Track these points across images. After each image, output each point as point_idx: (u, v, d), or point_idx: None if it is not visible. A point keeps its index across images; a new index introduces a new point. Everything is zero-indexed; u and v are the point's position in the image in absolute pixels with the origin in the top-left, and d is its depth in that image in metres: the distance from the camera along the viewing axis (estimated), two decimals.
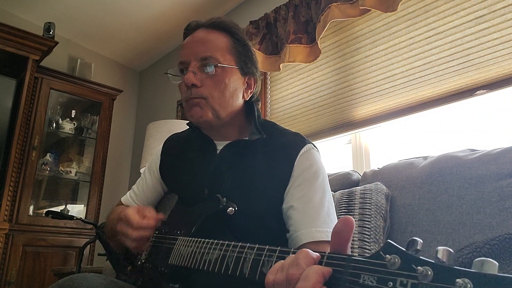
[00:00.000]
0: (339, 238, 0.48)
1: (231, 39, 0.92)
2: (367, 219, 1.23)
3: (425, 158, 1.38)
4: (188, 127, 1.01)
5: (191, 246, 0.73)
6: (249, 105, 0.96)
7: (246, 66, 0.93)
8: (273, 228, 0.84)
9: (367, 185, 1.37)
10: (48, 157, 2.88)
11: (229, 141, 0.93)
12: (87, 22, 3.12)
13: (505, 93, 1.46)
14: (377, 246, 1.17)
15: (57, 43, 2.71)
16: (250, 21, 2.36)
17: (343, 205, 1.34)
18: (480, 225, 1.06)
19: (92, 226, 2.52)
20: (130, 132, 3.73)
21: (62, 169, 2.97)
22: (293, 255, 0.50)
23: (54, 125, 2.96)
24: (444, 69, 1.59)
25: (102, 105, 3.13)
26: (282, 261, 0.51)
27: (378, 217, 1.24)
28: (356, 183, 1.51)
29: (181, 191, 0.96)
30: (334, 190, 1.48)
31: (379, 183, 1.36)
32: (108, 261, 1.90)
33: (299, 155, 0.87)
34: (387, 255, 0.40)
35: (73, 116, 3.09)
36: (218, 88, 0.88)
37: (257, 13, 2.46)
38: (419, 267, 0.37)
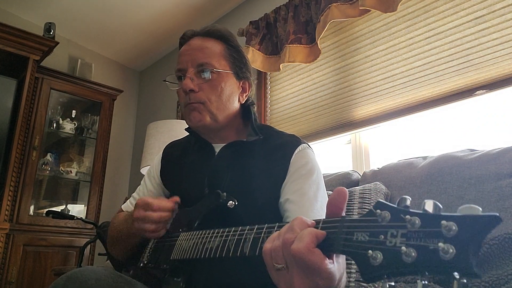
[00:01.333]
0: (333, 207, 0.50)
1: (226, 46, 0.97)
2: None
3: (424, 158, 1.38)
4: (187, 133, 1.05)
5: (192, 239, 0.75)
6: (245, 108, 1.01)
7: (240, 71, 0.98)
8: (272, 222, 0.86)
9: (366, 185, 1.37)
10: (48, 157, 2.88)
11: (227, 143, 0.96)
12: (88, 23, 3.13)
13: (505, 93, 1.46)
14: None
15: (57, 43, 2.71)
16: (250, 21, 2.36)
17: None
18: None
19: (92, 226, 2.53)
20: (130, 132, 3.74)
21: (62, 169, 2.97)
22: (288, 223, 0.52)
23: (54, 125, 2.97)
24: (444, 69, 1.59)
25: (102, 105, 3.14)
26: (279, 230, 0.53)
27: None
28: (356, 183, 1.51)
29: (182, 193, 0.98)
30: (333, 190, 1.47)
31: (378, 183, 1.36)
32: (108, 261, 1.90)
33: (294, 153, 0.91)
34: (378, 210, 0.43)
35: (73, 116, 3.09)
36: (215, 92, 0.92)
37: (257, 13, 2.46)
38: (407, 216, 0.39)
